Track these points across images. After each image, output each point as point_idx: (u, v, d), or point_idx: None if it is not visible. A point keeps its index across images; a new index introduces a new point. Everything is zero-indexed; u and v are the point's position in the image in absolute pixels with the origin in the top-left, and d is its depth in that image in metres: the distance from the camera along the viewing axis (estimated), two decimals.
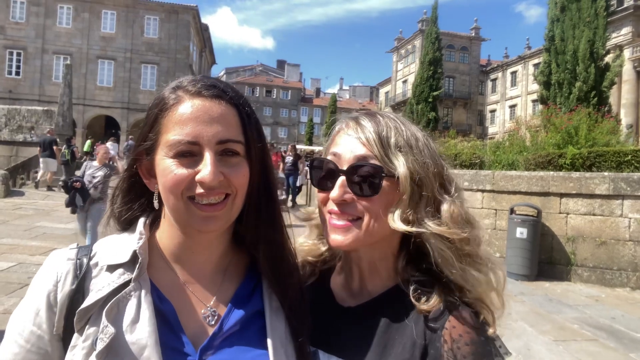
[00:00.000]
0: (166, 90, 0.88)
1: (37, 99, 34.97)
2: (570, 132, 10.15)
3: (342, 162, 0.94)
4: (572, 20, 20.43)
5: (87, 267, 0.86)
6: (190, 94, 0.85)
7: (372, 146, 0.92)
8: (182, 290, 0.90)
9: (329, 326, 0.99)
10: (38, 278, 0.86)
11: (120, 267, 0.85)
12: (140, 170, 0.91)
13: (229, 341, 0.87)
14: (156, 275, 0.88)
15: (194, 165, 0.82)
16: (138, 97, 37.94)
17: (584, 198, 7.70)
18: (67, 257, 0.87)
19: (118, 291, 0.81)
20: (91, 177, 7.44)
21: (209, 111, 0.83)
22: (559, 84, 20.86)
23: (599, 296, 7.02)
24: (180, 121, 0.82)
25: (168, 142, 0.82)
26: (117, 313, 0.80)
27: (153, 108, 0.88)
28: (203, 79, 0.88)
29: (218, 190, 0.82)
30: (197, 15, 41.09)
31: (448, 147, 11.90)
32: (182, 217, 0.84)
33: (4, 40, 36.37)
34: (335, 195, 0.93)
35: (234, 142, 0.84)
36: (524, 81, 50.65)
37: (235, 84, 28.00)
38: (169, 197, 0.83)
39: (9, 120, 18.05)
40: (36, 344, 0.81)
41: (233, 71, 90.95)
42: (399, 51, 62.41)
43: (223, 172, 0.82)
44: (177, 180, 0.81)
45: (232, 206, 0.86)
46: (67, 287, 0.83)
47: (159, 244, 0.92)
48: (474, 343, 0.85)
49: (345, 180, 0.93)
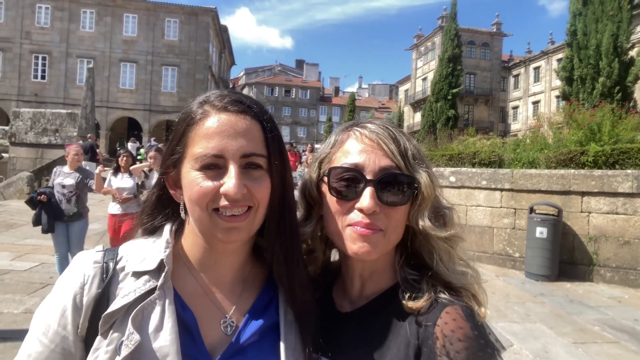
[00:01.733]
0: (194, 104, 0.91)
1: (62, 102, 35.80)
2: (592, 129, 9.91)
3: (367, 172, 0.94)
4: (594, 14, 19.99)
5: (113, 271, 0.88)
6: (217, 109, 0.88)
7: (396, 156, 0.95)
8: (203, 298, 0.92)
9: (328, 332, 1.00)
10: (64, 279, 0.88)
11: (146, 274, 0.87)
12: (167, 182, 0.94)
13: (245, 352, 0.89)
14: (179, 282, 0.91)
15: (218, 177, 0.84)
16: (159, 99, 38.56)
17: (607, 196, 7.52)
18: (93, 260, 0.89)
19: (143, 298, 0.84)
20: (60, 186, 6.12)
21: (234, 126, 0.86)
22: (581, 80, 20.44)
23: (622, 297, 6.84)
24: (207, 135, 0.85)
25: (194, 154, 0.85)
26: (141, 320, 0.82)
27: (181, 122, 0.91)
28: (230, 94, 0.91)
29: (242, 203, 0.85)
30: (216, 17, 41.51)
31: (466, 146, 11.75)
32: (206, 227, 0.87)
33: (29, 45, 37.35)
34: (366, 205, 0.92)
35: (257, 155, 0.87)
36: (547, 77, 49.60)
37: (255, 84, 28.27)
38: (195, 208, 0.86)
39: (34, 123, 18.52)
40: (60, 345, 0.83)
41: (252, 72, 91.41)
42: (419, 48, 61.82)
43: (246, 185, 0.85)
44: (203, 192, 0.84)
45: (254, 218, 0.88)
46: (94, 290, 0.85)
47: (183, 251, 0.95)
48: (468, 338, 0.83)
49: (374, 191, 0.93)
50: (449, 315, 0.87)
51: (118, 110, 38.44)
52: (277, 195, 0.92)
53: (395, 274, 1.01)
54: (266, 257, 1.00)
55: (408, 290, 0.94)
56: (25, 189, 13.74)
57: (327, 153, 1.04)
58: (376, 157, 0.95)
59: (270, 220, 0.94)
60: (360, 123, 1.03)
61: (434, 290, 0.93)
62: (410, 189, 0.95)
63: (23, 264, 7.00)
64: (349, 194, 0.95)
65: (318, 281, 1.12)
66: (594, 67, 19.92)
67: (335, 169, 0.97)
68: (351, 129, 1.02)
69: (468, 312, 0.89)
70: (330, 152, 1.03)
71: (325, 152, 1.05)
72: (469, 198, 8.89)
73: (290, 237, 0.96)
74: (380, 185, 0.93)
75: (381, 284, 1.01)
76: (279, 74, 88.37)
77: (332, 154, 1.02)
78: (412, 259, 1.01)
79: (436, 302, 0.91)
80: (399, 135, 0.98)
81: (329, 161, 1.02)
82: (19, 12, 37.13)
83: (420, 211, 0.96)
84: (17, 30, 37.06)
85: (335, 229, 0.98)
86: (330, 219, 0.99)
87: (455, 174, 9.06)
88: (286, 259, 0.96)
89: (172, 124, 1.01)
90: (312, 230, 1.06)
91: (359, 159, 0.95)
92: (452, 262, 0.97)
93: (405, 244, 1.00)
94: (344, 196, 0.96)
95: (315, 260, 1.12)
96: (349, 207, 0.96)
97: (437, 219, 0.97)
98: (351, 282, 1.05)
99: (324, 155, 1.04)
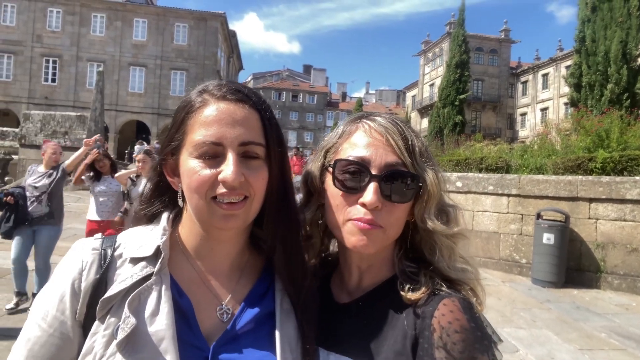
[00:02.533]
0: (193, 93, 0.92)
1: (72, 105, 36.15)
2: (601, 135, 9.86)
3: (372, 167, 0.94)
4: (603, 21, 19.91)
5: (111, 258, 0.89)
6: (216, 98, 0.89)
7: (403, 153, 0.94)
8: (199, 285, 0.93)
9: (327, 324, 1.00)
10: (63, 266, 0.89)
11: (143, 260, 0.88)
12: (165, 169, 0.95)
13: (241, 339, 0.90)
14: (176, 269, 0.91)
15: (216, 165, 0.85)
16: (168, 103, 38.76)
17: (615, 203, 7.47)
18: (92, 246, 0.91)
19: (140, 283, 0.85)
20: (32, 187, 5.50)
21: (232, 114, 0.87)
22: (590, 86, 20.35)
23: (630, 305, 6.78)
24: (205, 123, 0.86)
25: (193, 142, 0.86)
26: (138, 305, 0.83)
27: (180, 110, 0.92)
28: (228, 84, 0.92)
29: (238, 191, 0.85)
30: (225, 22, 41.78)
31: (473, 151, 11.72)
32: (204, 215, 0.88)
33: (41, 49, 37.78)
34: (369, 201, 0.91)
35: (255, 144, 0.88)
36: (555, 83, 49.37)
37: (262, 89, 28.39)
38: (193, 196, 0.87)
39: (44, 125, 18.73)
40: (59, 329, 0.84)
41: (260, 76, 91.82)
42: (426, 54, 61.81)
43: (244, 173, 0.85)
44: (202, 180, 0.85)
45: (250, 207, 0.89)
46: (92, 276, 0.87)
47: (180, 239, 0.96)
48: (464, 330, 0.83)
49: (378, 186, 0.93)
50: (447, 307, 0.87)
51: (127, 113, 38.71)
52: (276, 184, 0.93)
53: (393, 266, 1.01)
54: (263, 247, 1.00)
55: (406, 282, 0.94)
56: None
57: (333, 143, 1.03)
58: (383, 152, 0.94)
59: (270, 209, 0.94)
60: (369, 115, 1.02)
61: (432, 282, 0.93)
62: (415, 186, 0.95)
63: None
64: (353, 187, 0.95)
65: (316, 272, 1.11)
66: (602, 73, 19.82)
67: (340, 161, 0.96)
68: (360, 120, 1.01)
69: (465, 304, 0.89)
70: (337, 143, 1.02)
71: (332, 142, 1.04)
72: (475, 203, 8.86)
73: (290, 226, 0.97)
74: (385, 181, 0.93)
75: (379, 275, 1.02)
76: (286, 78, 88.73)
77: (338, 145, 1.02)
78: (410, 252, 1.02)
79: (434, 294, 0.91)
80: (408, 132, 0.97)
81: (335, 151, 1.01)
82: (31, 16, 37.59)
83: (427, 209, 0.96)
84: (28, 33, 37.51)
85: (336, 221, 0.98)
86: (332, 210, 0.99)
87: (462, 179, 9.04)
88: (285, 248, 0.97)
89: None
90: (311, 217, 1.06)
91: (366, 152, 0.95)
92: (453, 259, 0.97)
93: (405, 237, 1.00)
94: (347, 189, 0.95)
95: (312, 246, 1.12)
96: (351, 201, 0.95)
97: (441, 216, 0.98)
98: (349, 273, 1.05)
99: (330, 145, 1.04)
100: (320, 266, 1.15)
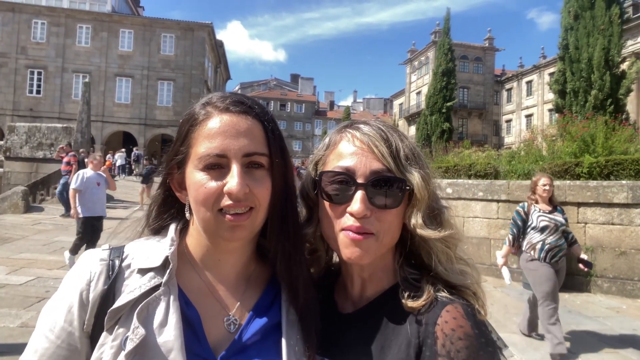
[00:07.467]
0: (196, 106, 0.93)
1: (57, 116, 35.74)
2: (586, 141, 10.01)
3: (358, 176, 0.93)
4: (586, 29, 20.31)
5: (119, 268, 0.89)
6: (219, 110, 0.89)
7: (387, 159, 0.94)
8: (207, 296, 0.93)
9: (331, 334, 1.00)
10: (71, 277, 0.89)
11: (151, 271, 0.88)
12: (172, 183, 0.96)
13: (248, 350, 0.90)
14: (183, 280, 0.92)
15: (222, 177, 0.86)
16: (155, 113, 38.52)
17: (602, 207, 7.57)
18: (100, 257, 0.90)
19: (148, 294, 0.84)
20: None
21: (236, 126, 0.88)
22: (574, 93, 20.69)
23: (620, 307, 6.85)
24: (210, 135, 0.87)
25: (198, 154, 0.87)
26: (146, 315, 0.82)
27: (184, 123, 0.92)
28: (231, 96, 0.93)
29: (244, 202, 0.86)
30: (212, 32, 41.74)
31: (462, 158, 11.82)
32: (211, 227, 0.88)
33: (25, 60, 37.35)
34: (357, 210, 0.91)
35: (259, 154, 0.88)
36: (539, 90, 50.13)
37: None
38: (200, 209, 0.87)
39: (29, 137, 18.46)
40: (66, 340, 0.83)
41: (248, 86, 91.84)
42: (412, 63, 62.39)
43: (248, 184, 0.86)
44: (208, 193, 0.85)
45: (256, 218, 0.89)
46: (100, 286, 0.86)
47: (187, 250, 0.96)
48: (468, 337, 0.82)
49: (365, 194, 0.92)
50: (450, 313, 0.87)
51: (113, 124, 38.35)
52: (279, 194, 0.93)
53: (395, 274, 1.00)
54: (269, 256, 1.00)
55: (408, 289, 0.93)
56: (20, 203, 13.66)
57: (321, 155, 1.04)
58: (367, 160, 0.94)
59: (273, 219, 0.95)
60: (354, 124, 1.02)
61: (434, 288, 0.92)
62: (402, 191, 0.94)
63: (19, 277, 6.91)
64: (340, 197, 0.95)
65: (320, 283, 1.11)
66: (586, 80, 20.19)
67: (326, 173, 0.97)
68: (344, 130, 1.02)
69: (468, 310, 0.88)
70: (324, 155, 1.03)
71: (320, 154, 1.05)
72: (466, 209, 8.91)
73: (293, 236, 0.97)
74: (372, 188, 0.92)
75: (382, 284, 1.01)
76: (274, 88, 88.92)
77: (325, 157, 1.02)
78: (412, 258, 1.00)
79: (436, 301, 0.90)
80: (392, 136, 0.97)
81: (323, 164, 1.02)
82: (15, 27, 37.20)
83: (414, 213, 0.95)
84: (12, 45, 37.08)
85: (330, 233, 0.97)
86: (325, 222, 0.99)
87: (452, 186, 9.09)
88: (289, 258, 0.96)
89: (168, 137, 1.01)
90: (314, 230, 1.05)
91: (350, 162, 0.95)
92: (451, 263, 0.96)
93: (405, 243, 0.99)
94: (335, 200, 0.95)
95: (318, 259, 1.12)
96: (341, 211, 0.95)
97: (433, 220, 0.96)
98: (352, 283, 1.04)
99: (319, 158, 1.04)
100: (323, 276, 1.15)
